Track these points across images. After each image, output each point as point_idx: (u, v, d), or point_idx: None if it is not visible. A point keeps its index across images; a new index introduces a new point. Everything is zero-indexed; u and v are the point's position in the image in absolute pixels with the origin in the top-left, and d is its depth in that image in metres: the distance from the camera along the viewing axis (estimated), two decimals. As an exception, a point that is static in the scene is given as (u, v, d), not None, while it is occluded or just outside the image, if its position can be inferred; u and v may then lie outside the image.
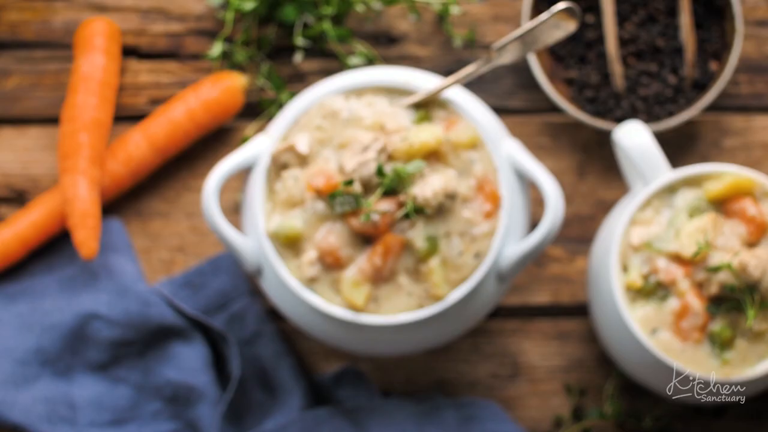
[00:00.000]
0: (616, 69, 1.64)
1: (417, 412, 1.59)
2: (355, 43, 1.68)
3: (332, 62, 1.69)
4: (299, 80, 1.68)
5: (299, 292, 1.41)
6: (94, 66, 1.64)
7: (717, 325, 1.46)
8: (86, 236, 1.59)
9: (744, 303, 1.45)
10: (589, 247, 1.66)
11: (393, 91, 1.45)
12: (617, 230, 1.48)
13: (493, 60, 1.44)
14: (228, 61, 1.69)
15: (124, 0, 1.70)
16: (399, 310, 1.41)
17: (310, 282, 1.41)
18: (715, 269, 1.44)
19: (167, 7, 1.70)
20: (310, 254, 1.41)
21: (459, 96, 1.45)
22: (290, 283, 1.41)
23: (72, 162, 1.61)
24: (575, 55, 1.67)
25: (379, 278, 1.41)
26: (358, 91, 1.45)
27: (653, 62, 1.66)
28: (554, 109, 1.68)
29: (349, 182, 1.38)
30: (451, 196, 1.40)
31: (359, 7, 1.67)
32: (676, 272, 1.47)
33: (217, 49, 1.66)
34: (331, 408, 1.59)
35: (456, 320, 1.45)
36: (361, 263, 1.41)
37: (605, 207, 1.66)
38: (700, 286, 1.46)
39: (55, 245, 1.67)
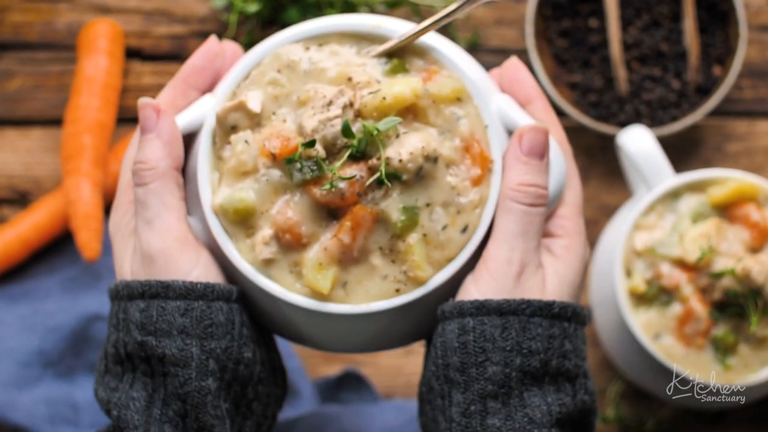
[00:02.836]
0: (620, 73, 1.64)
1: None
2: (359, 46, 1.67)
3: (336, 65, 1.68)
4: (303, 83, 1.68)
5: (252, 278, 1.17)
6: (98, 68, 1.64)
7: (720, 331, 1.46)
8: (89, 238, 1.59)
9: (747, 309, 1.45)
10: (592, 251, 1.66)
11: (361, 38, 1.20)
12: (621, 235, 1.48)
13: None
14: (231, 64, 1.69)
15: (128, 2, 1.70)
16: (373, 296, 1.18)
17: (266, 265, 1.17)
18: (719, 275, 1.45)
19: (171, 8, 1.70)
20: (264, 232, 1.17)
21: (439, 42, 1.20)
22: (241, 266, 1.17)
23: (75, 164, 1.61)
24: (579, 59, 1.67)
25: (348, 259, 1.17)
26: (320, 39, 1.20)
27: (657, 67, 1.66)
28: (557, 113, 1.68)
29: (310, 143, 1.15)
30: (432, 159, 1.16)
31: (362, 10, 1.67)
32: (680, 277, 1.47)
33: (220, 51, 1.66)
34: (341, 406, 1.59)
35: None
36: (326, 241, 1.17)
37: (608, 211, 1.66)
38: (703, 291, 1.46)
39: (57, 247, 1.67)
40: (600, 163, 1.68)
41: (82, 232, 1.59)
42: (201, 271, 1.14)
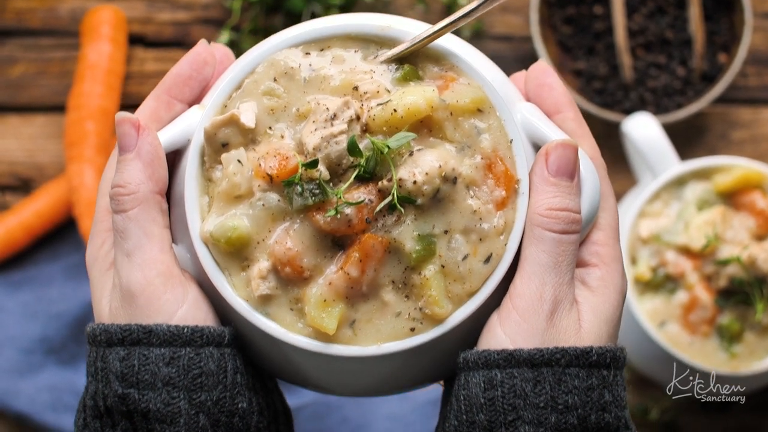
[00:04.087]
0: (625, 60, 1.64)
1: (423, 402, 1.60)
2: (363, 33, 1.67)
3: (340, 52, 1.68)
4: (306, 70, 1.68)
5: (248, 316, 1.03)
6: (101, 54, 1.64)
7: (725, 319, 1.46)
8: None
9: (753, 296, 1.45)
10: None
11: (367, 41, 1.06)
12: (626, 222, 1.48)
13: None
14: (235, 50, 1.68)
15: (131, -12, 1.70)
16: (384, 337, 1.04)
17: (263, 302, 1.03)
18: (724, 262, 1.44)
19: (174, -5, 1.70)
20: (261, 264, 1.03)
21: (457, 45, 1.06)
22: (235, 303, 1.02)
23: (78, 150, 1.61)
24: (583, 46, 1.66)
25: (357, 294, 1.03)
26: (321, 43, 1.06)
27: (662, 54, 1.66)
28: (562, 100, 1.67)
29: (312, 164, 1.01)
30: (450, 180, 1.02)
31: (367, -3, 1.67)
32: (685, 265, 1.46)
33: (224, 38, 1.66)
34: (342, 397, 1.60)
35: (462, 348, 1.06)
36: (331, 275, 1.02)
37: (613, 199, 1.66)
38: (708, 279, 1.46)
39: (60, 234, 1.67)
40: (605, 150, 1.67)
41: (85, 218, 1.59)
42: (188, 310, 1.00)
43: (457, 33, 1.68)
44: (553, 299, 0.99)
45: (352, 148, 1.01)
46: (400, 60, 1.05)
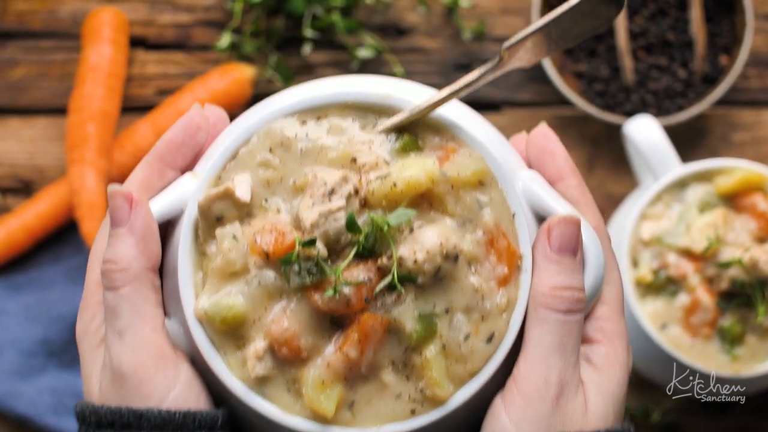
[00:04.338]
0: (626, 62, 1.64)
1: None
2: (364, 35, 1.67)
3: (341, 54, 1.68)
4: (308, 72, 1.68)
5: (243, 397, 1.00)
6: (102, 56, 1.64)
7: (727, 321, 1.46)
8: (93, 227, 1.58)
9: (754, 299, 1.44)
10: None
11: (366, 110, 1.03)
12: (628, 225, 1.48)
13: (505, 63, 1.01)
14: (236, 53, 1.68)
15: (132, -10, 1.70)
16: (384, 419, 1.01)
17: (259, 383, 1.00)
18: (726, 265, 1.44)
19: (175, -3, 1.70)
20: (257, 344, 1.00)
21: (458, 114, 1.03)
22: (230, 384, 1.00)
23: (79, 153, 1.61)
24: (585, 48, 1.66)
25: (356, 376, 1.00)
26: (319, 111, 1.03)
27: (663, 56, 1.66)
28: (564, 102, 1.67)
29: (310, 242, 0.98)
30: (451, 258, 0.99)
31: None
32: (687, 267, 1.46)
33: (225, 40, 1.66)
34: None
35: (463, 430, 1.04)
36: (330, 356, 1.00)
37: (614, 201, 1.66)
38: (710, 281, 1.46)
39: (61, 236, 1.67)
40: (606, 152, 1.67)
41: (87, 221, 1.59)
42: (180, 391, 0.97)
43: (457, 35, 1.68)
44: (558, 383, 0.96)
45: (351, 226, 0.98)
46: (399, 129, 1.02)
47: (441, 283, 0.99)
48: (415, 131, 1.03)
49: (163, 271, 1.03)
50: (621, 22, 1.63)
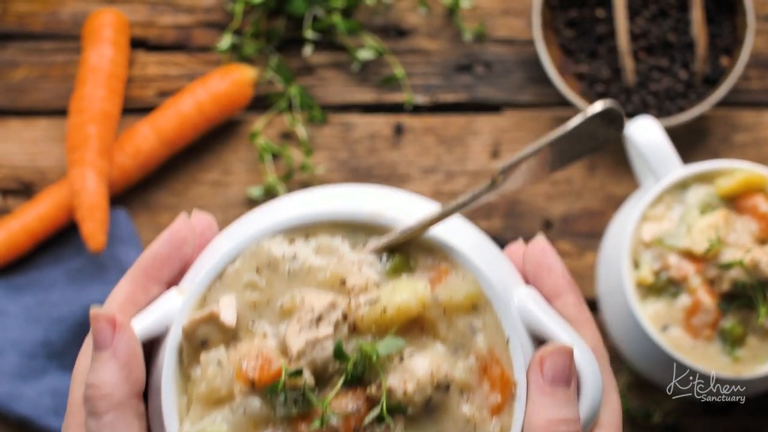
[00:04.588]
0: (627, 64, 1.63)
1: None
2: (365, 36, 1.67)
3: (341, 55, 1.68)
4: (308, 73, 1.68)
5: None
6: (103, 58, 1.64)
7: (728, 322, 1.46)
8: (94, 229, 1.58)
9: (756, 300, 1.44)
10: (598, 242, 1.65)
11: (356, 228, 1.00)
12: (628, 226, 1.48)
13: (499, 186, 0.97)
14: (237, 54, 1.68)
15: (133, -9, 1.70)
16: None
17: None
18: (727, 266, 1.44)
19: (176, -2, 1.70)
20: None
21: (451, 233, 1.00)
22: None
23: (80, 154, 1.60)
24: (586, 49, 1.66)
25: None
26: (307, 229, 0.99)
27: (664, 57, 1.65)
28: (564, 103, 1.67)
29: (296, 373, 0.95)
30: (443, 387, 0.96)
31: (369, 0, 1.66)
32: (688, 269, 1.46)
33: (226, 41, 1.66)
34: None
35: None
36: None
37: (615, 202, 1.66)
38: (711, 282, 1.46)
39: (62, 237, 1.67)
40: (607, 153, 1.67)
41: (87, 222, 1.59)
42: None
43: (458, 36, 1.68)
44: None
45: (339, 354, 0.96)
46: (390, 249, 0.99)
47: (432, 414, 0.96)
48: (407, 250, 0.99)
49: (148, 388, 1.00)
50: (622, 24, 1.63)
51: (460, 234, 1.00)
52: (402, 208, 1.00)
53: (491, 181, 0.95)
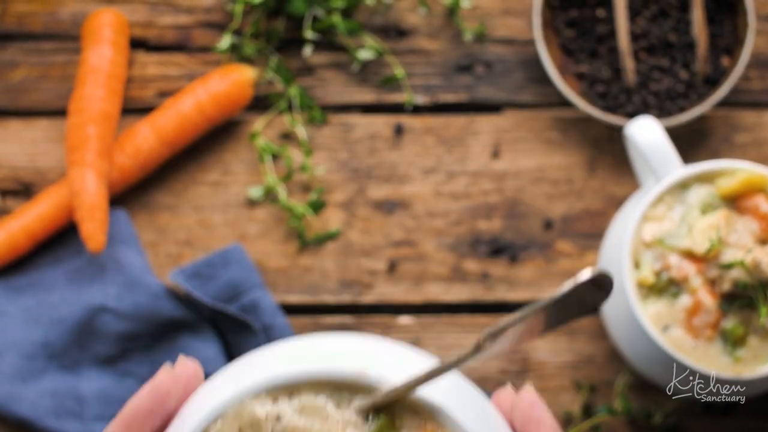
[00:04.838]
0: (628, 64, 1.63)
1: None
2: (365, 37, 1.67)
3: (342, 55, 1.68)
4: (308, 73, 1.68)
5: None
6: (102, 58, 1.63)
7: (729, 323, 1.45)
8: (94, 229, 1.58)
9: (757, 300, 1.44)
10: (598, 242, 1.65)
11: (341, 387, 0.98)
12: (629, 226, 1.48)
13: (485, 350, 0.96)
14: (237, 54, 1.68)
15: (132, -8, 1.70)
16: None
17: None
18: (728, 266, 1.44)
19: (175, -1, 1.70)
20: None
21: (438, 393, 0.98)
22: None
23: (79, 155, 1.60)
24: (586, 49, 1.66)
25: None
26: (291, 388, 0.98)
27: (665, 57, 1.65)
28: (564, 103, 1.67)
29: None
30: None
31: (369, 0, 1.66)
32: (689, 269, 1.46)
33: (225, 41, 1.66)
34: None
35: None
36: None
37: (616, 202, 1.66)
38: (712, 283, 1.46)
39: (62, 238, 1.67)
40: (607, 154, 1.67)
41: (87, 223, 1.58)
42: None
43: (458, 37, 1.68)
44: None
45: None
46: (377, 409, 0.98)
47: None
48: (393, 409, 0.98)
49: None
50: (622, 24, 1.63)
51: (446, 392, 0.98)
52: (388, 363, 0.99)
53: (476, 345, 0.94)
